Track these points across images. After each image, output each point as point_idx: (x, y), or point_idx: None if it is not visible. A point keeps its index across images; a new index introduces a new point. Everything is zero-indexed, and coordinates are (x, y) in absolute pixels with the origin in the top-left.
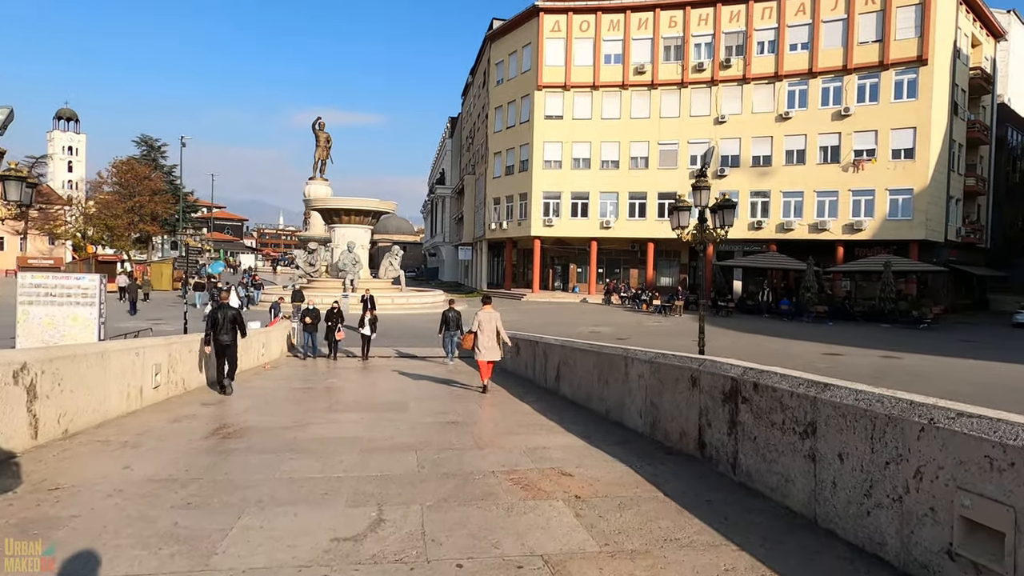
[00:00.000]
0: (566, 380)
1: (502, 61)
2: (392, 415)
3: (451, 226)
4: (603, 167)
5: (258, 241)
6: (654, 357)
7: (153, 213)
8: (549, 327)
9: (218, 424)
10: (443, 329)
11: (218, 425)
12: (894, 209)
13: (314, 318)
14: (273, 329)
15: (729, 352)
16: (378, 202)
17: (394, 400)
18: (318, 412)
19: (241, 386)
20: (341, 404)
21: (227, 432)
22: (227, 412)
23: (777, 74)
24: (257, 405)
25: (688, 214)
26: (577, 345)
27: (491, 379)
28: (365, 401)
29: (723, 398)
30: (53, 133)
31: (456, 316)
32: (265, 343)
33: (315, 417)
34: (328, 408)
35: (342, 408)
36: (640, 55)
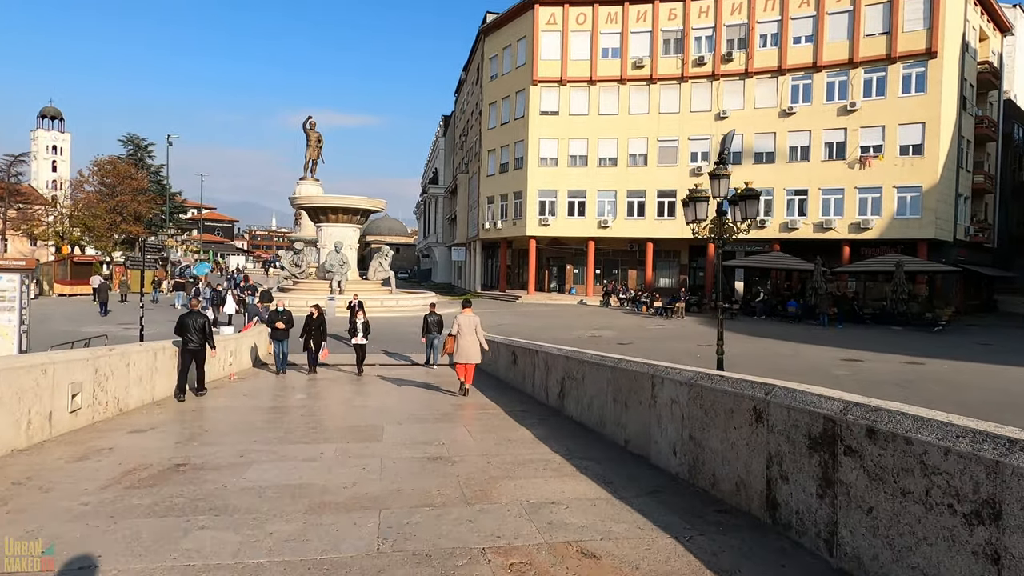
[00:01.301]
0: (572, 398)
1: (496, 55)
2: (361, 447)
3: (444, 227)
4: (600, 164)
5: (249, 243)
6: (695, 378)
7: (136, 213)
8: (546, 331)
9: (135, 464)
10: (425, 333)
11: (133, 465)
12: (902, 207)
13: (286, 322)
14: (244, 336)
15: (741, 359)
16: (367, 200)
17: (368, 424)
18: (271, 443)
19: (191, 403)
20: (302, 430)
21: (138, 478)
22: (155, 444)
23: (780, 68)
24: (199, 432)
25: (705, 206)
26: (586, 357)
27: (487, 395)
28: (333, 425)
29: (810, 444)
30: (37, 132)
31: (437, 320)
32: (234, 351)
33: (264, 450)
34: (284, 437)
35: (302, 436)
36: (639, 49)
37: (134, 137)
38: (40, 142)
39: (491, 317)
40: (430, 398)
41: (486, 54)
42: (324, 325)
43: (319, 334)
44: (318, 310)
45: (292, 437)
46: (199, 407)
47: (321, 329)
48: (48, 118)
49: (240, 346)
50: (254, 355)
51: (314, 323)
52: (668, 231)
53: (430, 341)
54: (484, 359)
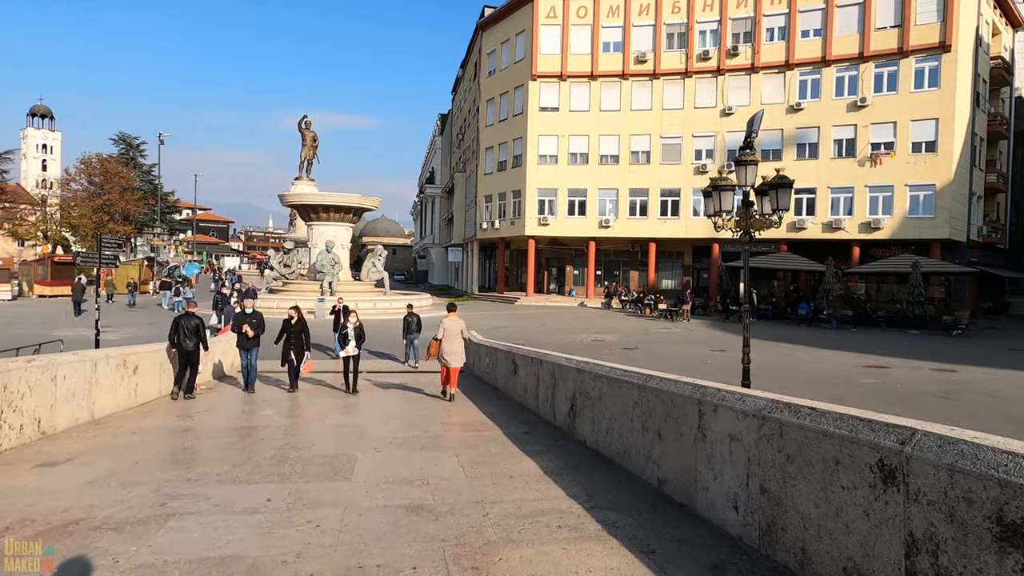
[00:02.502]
0: (585, 419)
1: (494, 50)
2: (323, 489)
3: (441, 227)
4: (602, 162)
5: (245, 244)
6: (768, 408)
7: (125, 212)
8: (546, 335)
9: (11, 520)
10: (405, 334)
11: (7, 523)
12: (915, 206)
13: (255, 327)
14: (218, 341)
15: (761, 367)
16: (359, 198)
17: (339, 453)
18: (209, 482)
19: (135, 423)
20: (254, 462)
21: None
22: (58, 486)
23: (788, 62)
24: (126, 465)
25: (731, 196)
26: (603, 371)
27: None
28: (293, 454)
29: (1001, 534)
30: (27, 131)
31: (416, 320)
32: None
33: (196, 495)
34: (229, 472)
35: (252, 471)
36: (641, 43)
37: (126, 136)
38: (30, 141)
39: (489, 320)
40: (418, 412)
41: (484, 49)
42: (307, 331)
43: (301, 342)
44: (298, 313)
45: (239, 473)
46: (140, 428)
47: (303, 336)
48: (38, 116)
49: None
50: (220, 366)
51: (294, 328)
52: (671, 231)
53: (410, 341)
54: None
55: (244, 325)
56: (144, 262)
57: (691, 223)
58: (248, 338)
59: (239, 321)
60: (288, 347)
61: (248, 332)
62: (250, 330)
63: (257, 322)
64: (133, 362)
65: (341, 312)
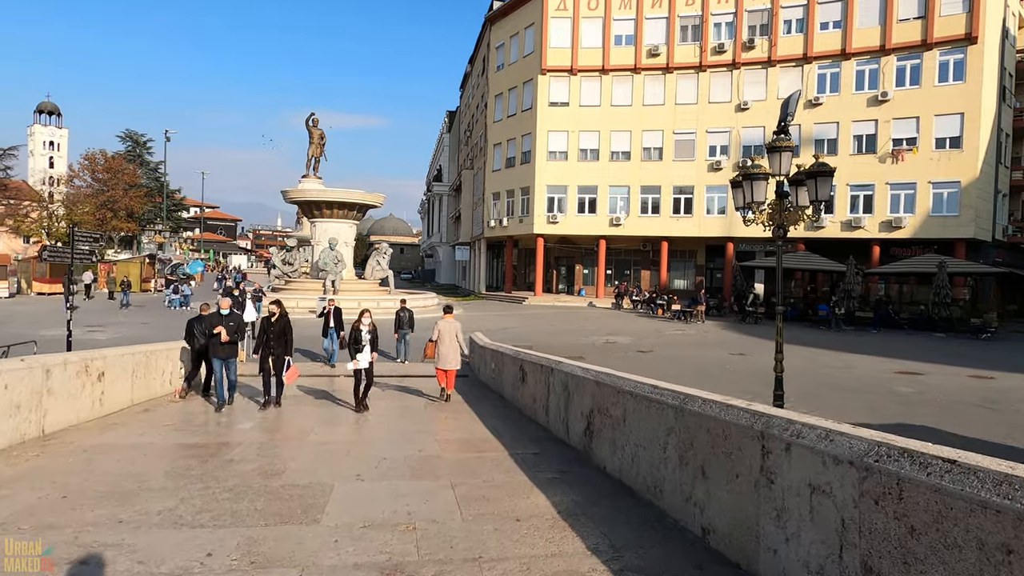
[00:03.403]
0: (605, 440)
1: (503, 44)
2: (280, 537)
3: (448, 225)
4: (613, 158)
5: (253, 242)
6: (873, 453)
7: (128, 209)
8: (556, 336)
9: None
10: (397, 328)
11: None
12: (938, 204)
13: (232, 329)
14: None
15: (788, 373)
16: (363, 194)
17: (311, 481)
18: (139, 525)
19: (92, 438)
20: (206, 495)
21: None
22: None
23: (806, 56)
24: (51, 498)
25: (764, 185)
26: (627, 385)
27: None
28: (258, 483)
29: None
30: (33, 127)
31: (408, 315)
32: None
33: (116, 545)
34: (170, 511)
35: (200, 509)
36: (654, 36)
37: (132, 133)
38: (37, 138)
39: (496, 320)
40: (413, 424)
41: (492, 43)
42: (290, 331)
43: (283, 345)
44: (280, 308)
45: (185, 511)
46: (96, 445)
47: (285, 338)
48: (45, 113)
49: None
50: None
51: (274, 328)
52: (684, 229)
53: (402, 336)
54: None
55: (218, 327)
56: (145, 259)
57: (705, 221)
58: (222, 344)
59: (213, 322)
60: (267, 352)
61: (223, 336)
62: (225, 333)
63: (235, 325)
64: (98, 367)
65: (332, 315)
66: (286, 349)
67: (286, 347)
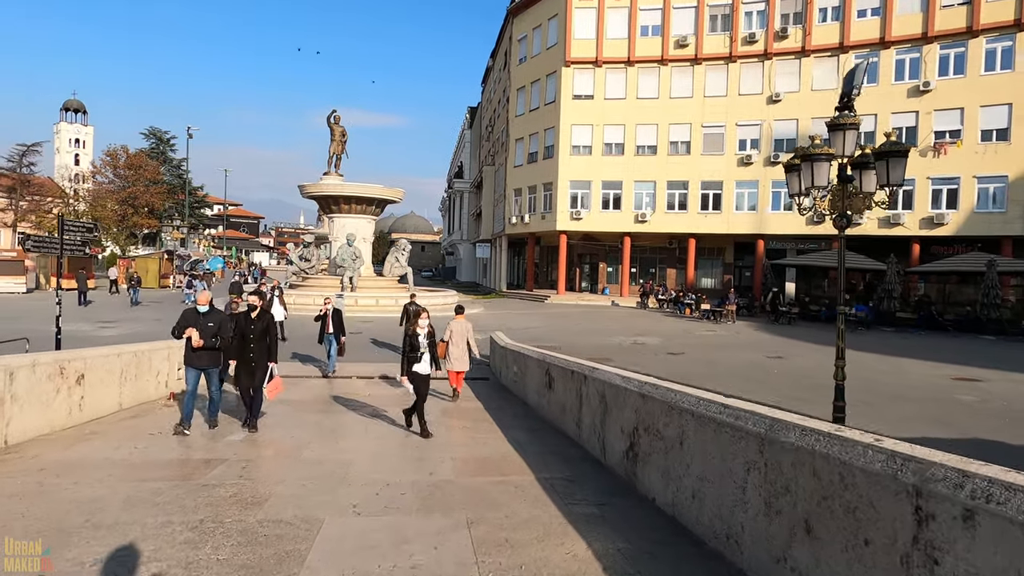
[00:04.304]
0: (654, 467)
1: (525, 36)
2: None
3: (469, 222)
4: (638, 153)
5: (276, 239)
6: None
7: (149, 205)
8: (580, 336)
9: None
10: (403, 322)
11: None
12: (983, 200)
13: (211, 331)
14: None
15: (829, 375)
16: (382, 188)
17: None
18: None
19: (58, 451)
20: (164, 535)
21: None
22: None
23: (842, 45)
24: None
25: (826, 168)
26: (687, 402)
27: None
28: (232, 517)
29: None
30: (60, 125)
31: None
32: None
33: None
34: (110, 558)
35: (144, 561)
36: (682, 26)
37: (156, 130)
38: (63, 135)
39: (517, 319)
40: (421, 439)
41: (514, 36)
42: (273, 332)
43: (263, 349)
44: (260, 301)
45: (124, 562)
46: (59, 461)
47: (268, 340)
48: (71, 111)
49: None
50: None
51: (253, 328)
52: (712, 226)
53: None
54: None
55: (189, 329)
56: (164, 255)
57: (734, 218)
58: (194, 351)
59: (187, 322)
60: (245, 359)
61: (195, 340)
62: (197, 337)
63: (216, 326)
64: (76, 370)
65: (331, 316)
66: (269, 354)
67: (269, 352)
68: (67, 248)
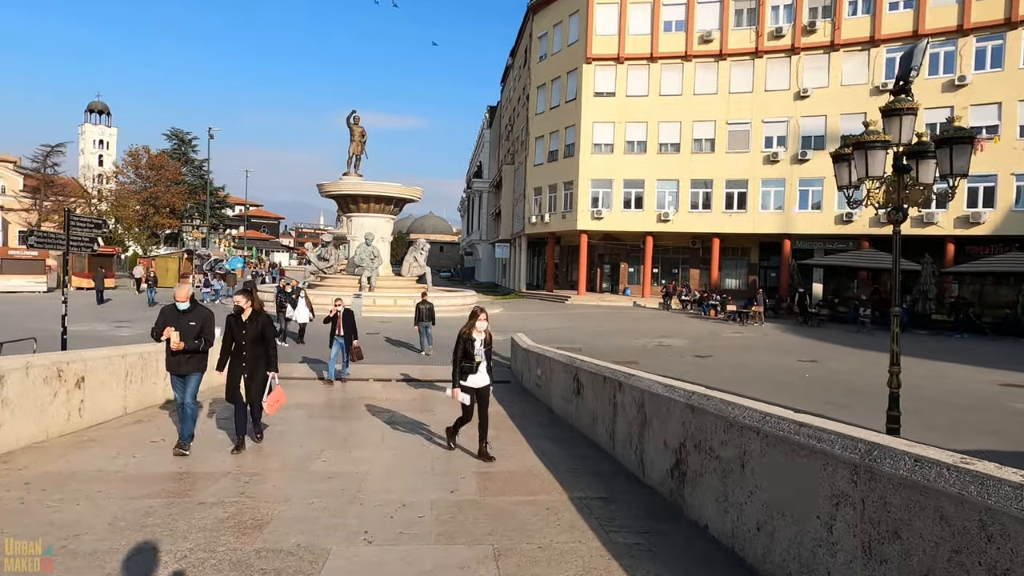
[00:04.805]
0: (707, 490)
1: (546, 33)
2: None
3: (488, 222)
4: (661, 151)
5: (296, 240)
6: None
7: (171, 205)
8: (602, 338)
9: None
10: (417, 321)
11: None
12: (1023, 198)
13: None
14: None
15: (868, 381)
16: (400, 187)
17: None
18: None
19: (51, 462)
20: (142, 568)
21: None
22: None
23: (873, 38)
24: None
25: (882, 157)
26: (746, 417)
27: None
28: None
29: None
30: (84, 126)
31: (429, 308)
32: None
33: None
34: None
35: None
36: (706, 20)
37: (178, 131)
38: (87, 136)
39: (538, 320)
40: (443, 447)
41: (535, 32)
42: (268, 335)
43: (261, 356)
44: (249, 302)
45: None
46: (48, 473)
47: (265, 346)
48: (96, 112)
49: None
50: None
51: (246, 332)
52: (737, 225)
53: (423, 329)
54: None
55: (168, 329)
56: (183, 255)
57: (759, 217)
58: (173, 355)
59: (165, 320)
60: (237, 368)
61: (174, 342)
62: (176, 338)
63: (198, 326)
64: (76, 372)
65: (341, 318)
66: (268, 362)
67: (267, 359)
68: (74, 244)
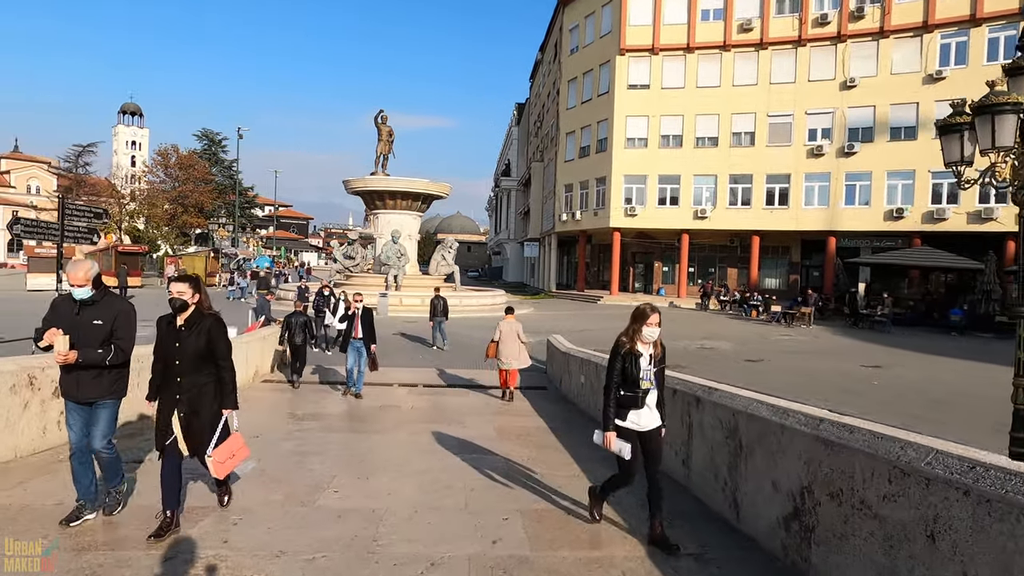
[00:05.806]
0: (856, 557)
1: (577, 25)
2: None
3: (516, 221)
4: (698, 145)
5: (325, 240)
6: None
7: (199, 204)
8: None
9: None
10: (432, 316)
11: None
12: None
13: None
14: (252, 339)
15: (953, 391)
16: (427, 183)
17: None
18: None
19: (7, 490)
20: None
21: None
22: None
23: (926, 23)
24: None
25: (1013, 122)
26: (929, 465)
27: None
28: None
29: None
30: (117, 128)
31: (443, 303)
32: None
33: None
34: None
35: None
36: (746, 8)
37: (208, 132)
38: (120, 137)
39: (569, 320)
40: (479, 475)
41: (565, 26)
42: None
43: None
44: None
45: None
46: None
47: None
48: (128, 114)
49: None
50: (261, 366)
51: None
52: (778, 222)
53: (437, 324)
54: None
55: (51, 331)
56: (210, 253)
57: (802, 213)
58: (68, 371)
59: (54, 317)
60: (169, 399)
61: (59, 350)
62: (62, 345)
63: (106, 325)
64: (52, 379)
65: (359, 318)
66: (220, 393)
67: (220, 388)
68: (69, 235)
